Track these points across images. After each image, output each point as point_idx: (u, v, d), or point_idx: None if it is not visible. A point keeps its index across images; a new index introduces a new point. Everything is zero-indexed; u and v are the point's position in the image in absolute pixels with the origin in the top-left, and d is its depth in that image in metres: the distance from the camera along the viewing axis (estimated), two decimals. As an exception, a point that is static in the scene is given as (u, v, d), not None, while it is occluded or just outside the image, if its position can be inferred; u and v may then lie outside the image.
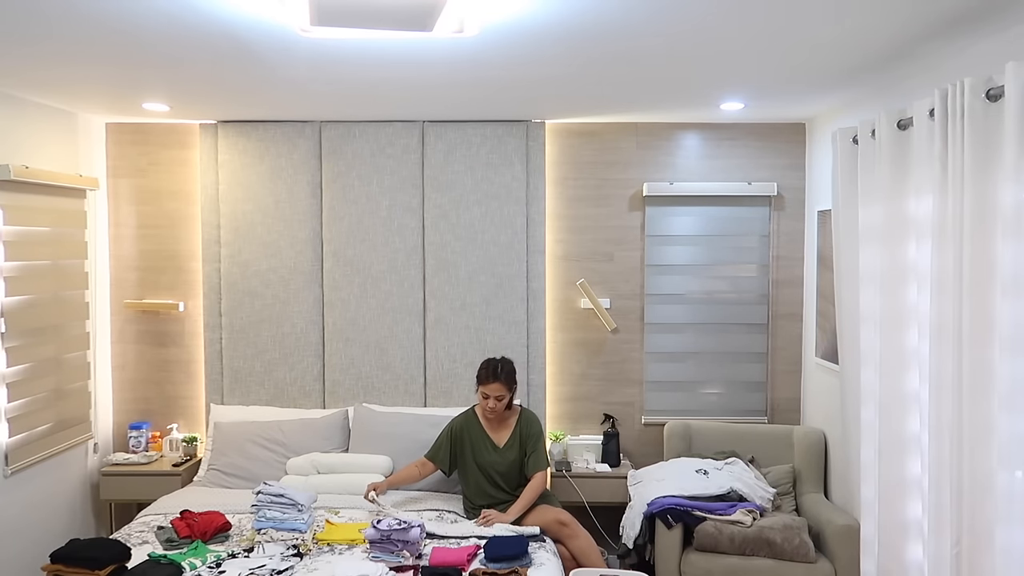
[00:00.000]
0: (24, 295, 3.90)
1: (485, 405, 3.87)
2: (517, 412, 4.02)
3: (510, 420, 3.99)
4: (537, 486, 3.86)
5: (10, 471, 3.80)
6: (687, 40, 2.86)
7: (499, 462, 3.90)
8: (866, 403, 3.29)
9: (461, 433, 3.96)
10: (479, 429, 3.95)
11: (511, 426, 3.97)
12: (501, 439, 3.94)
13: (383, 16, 2.42)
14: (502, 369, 3.86)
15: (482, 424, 3.96)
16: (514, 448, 3.92)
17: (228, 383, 4.63)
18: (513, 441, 3.94)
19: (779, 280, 4.65)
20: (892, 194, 3.07)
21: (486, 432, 3.95)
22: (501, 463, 3.90)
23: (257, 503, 3.56)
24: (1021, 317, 2.32)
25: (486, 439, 3.94)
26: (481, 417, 3.98)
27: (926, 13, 2.55)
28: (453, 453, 3.96)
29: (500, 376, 3.84)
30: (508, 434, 3.95)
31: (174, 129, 4.66)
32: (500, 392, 3.84)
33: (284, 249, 4.60)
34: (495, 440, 3.94)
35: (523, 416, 4.02)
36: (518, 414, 4.02)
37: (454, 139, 4.57)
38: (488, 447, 3.92)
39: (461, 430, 3.97)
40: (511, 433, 3.95)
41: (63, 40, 2.86)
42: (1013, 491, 2.36)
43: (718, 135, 4.62)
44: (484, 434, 3.95)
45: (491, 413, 3.89)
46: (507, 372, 3.87)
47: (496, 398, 3.84)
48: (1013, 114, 2.27)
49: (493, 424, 3.96)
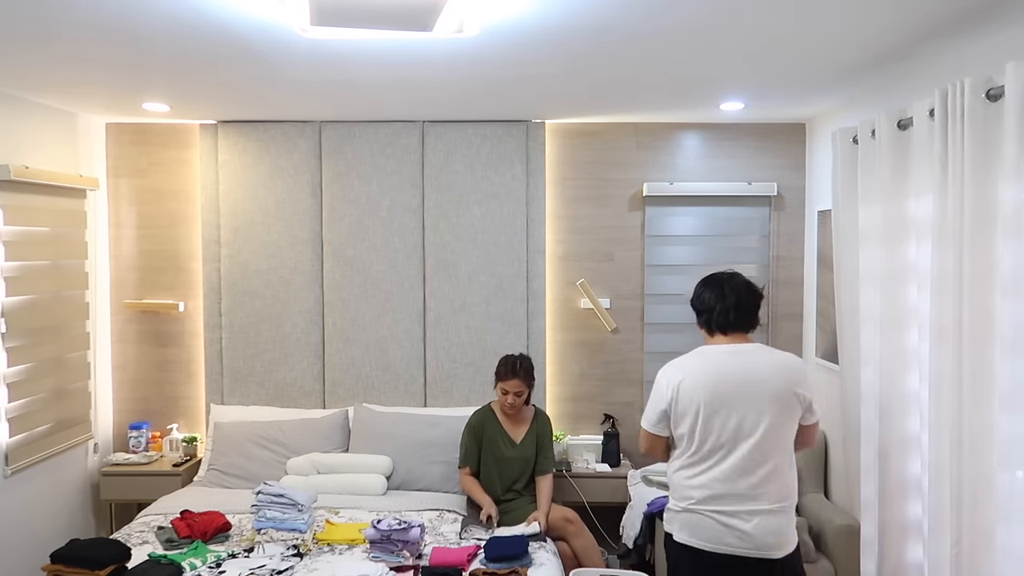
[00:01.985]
0: (24, 295, 3.90)
1: (504, 401, 3.93)
2: (533, 410, 4.10)
3: (527, 417, 4.06)
4: (550, 487, 3.98)
5: (10, 471, 3.80)
6: (687, 40, 2.86)
7: (516, 458, 3.97)
8: (866, 403, 3.29)
9: (481, 429, 4.02)
10: (497, 425, 4.02)
11: (528, 422, 4.04)
12: (519, 435, 4.01)
13: (383, 16, 2.42)
14: (521, 365, 3.93)
15: (499, 420, 4.02)
16: (531, 445, 4.00)
17: (228, 383, 4.63)
18: (530, 438, 4.01)
19: (779, 280, 4.65)
20: (892, 194, 3.07)
21: (503, 428, 4.01)
22: (518, 458, 3.97)
23: (257, 503, 3.56)
24: (1021, 317, 2.32)
25: (504, 435, 4.00)
26: (499, 413, 4.04)
27: (926, 13, 2.55)
28: (477, 452, 4.03)
29: (520, 372, 3.91)
30: (525, 430, 4.02)
31: (174, 129, 4.66)
32: (519, 388, 3.91)
33: (284, 249, 4.60)
34: (512, 436, 4.01)
35: (539, 415, 4.10)
36: (534, 412, 4.10)
37: (454, 139, 4.57)
38: (506, 443, 3.99)
39: (481, 426, 4.03)
40: (528, 430, 4.02)
41: (63, 40, 2.86)
42: (1013, 491, 2.37)
43: (718, 135, 4.62)
44: (502, 430, 4.01)
45: (510, 409, 3.96)
46: (526, 368, 3.95)
47: (516, 394, 3.91)
48: (1013, 114, 2.27)
49: (511, 420, 4.03)
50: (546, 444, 4.04)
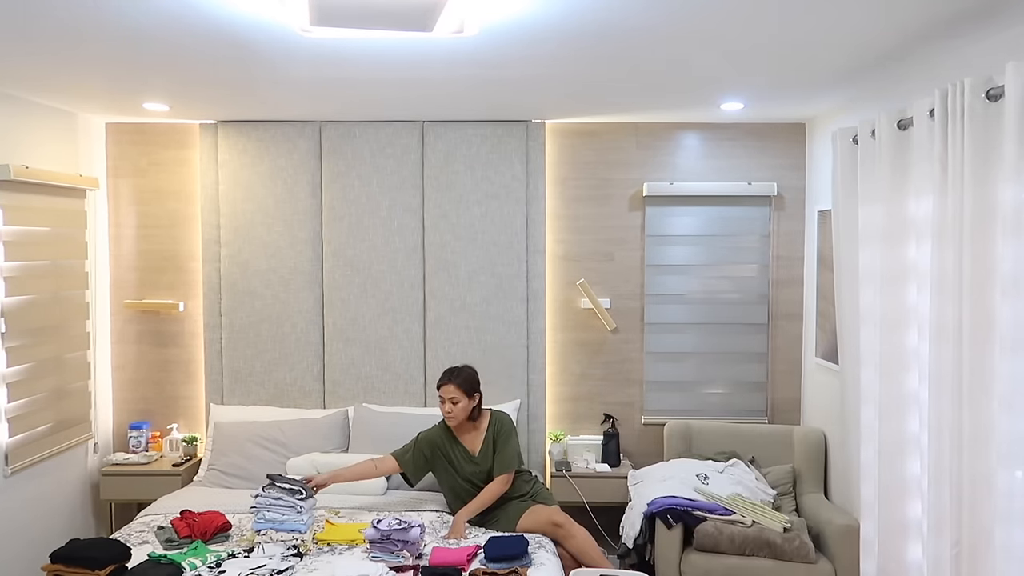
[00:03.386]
0: (24, 295, 3.90)
1: (442, 408, 3.80)
2: (487, 417, 3.92)
3: (481, 426, 3.88)
4: (496, 489, 3.76)
5: (10, 471, 3.80)
6: (687, 40, 2.86)
7: (478, 472, 3.82)
8: (866, 403, 3.29)
9: (433, 447, 3.84)
10: (452, 440, 3.86)
11: (483, 432, 3.87)
12: (475, 447, 3.85)
13: (383, 16, 2.42)
14: (457, 373, 3.78)
15: (455, 435, 3.87)
16: (489, 456, 3.83)
17: (228, 383, 4.63)
18: (487, 448, 3.84)
19: (779, 280, 4.65)
20: (892, 194, 3.07)
21: (459, 441, 3.86)
22: (480, 472, 3.81)
23: (256, 505, 3.54)
24: (1021, 317, 2.32)
25: (460, 448, 3.85)
26: (455, 427, 3.86)
27: (926, 13, 2.55)
28: (420, 465, 3.86)
29: (455, 378, 3.76)
30: (481, 441, 3.85)
31: (174, 129, 4.66)
32: (453, 395, 3.74)
33: (284, 249, 4.60)
34: (469, 449, 3.85)
35: (494, 418, 3.90)
36: (488, 419, 3.91)
37: (454, 139, 4.57)
38: (464, 457, 3.84)
39: (432, 443, 3.85)
40: (483, 440, 3.85)
41: (63, 40, 2.86)
42: (1013, 491, 2.37)
43: (718, 135, 4.62)
44: (457, 443, 3.86)
45: (449, 419, 3.80)
46: (464, 376, 3.78)
47: (450, 400, 3.75)
48: (1013, 114, 2.27)
49: (462, 432, 3.87)
50: (501, 443, 3.81)
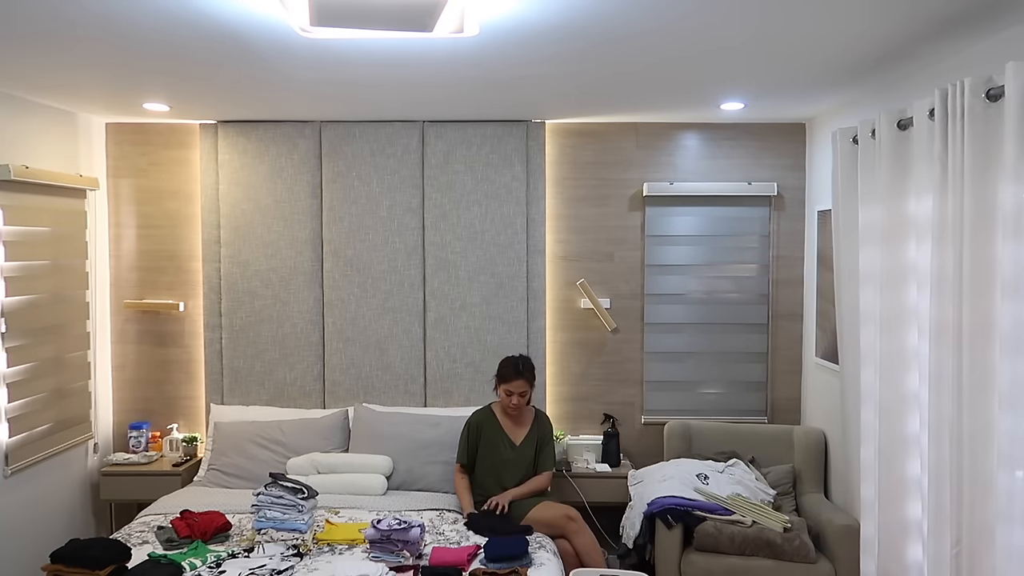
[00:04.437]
0: (24, 295, 3.90)
1: (508, 402, 3.95)
2: (533, 411, 4.12)
3: (527, 418, 4.07)
4: (543, 481, 4.00)
5: (10, 471, 3.80)
6: (687, 40, 2.86)
7: (516, 460, 3.98)
8: (866, 403, 3.29)
9: (480, 430, 4.03)
10: (497, 427, 4.03)
11: (528, 424, 4.05)
12: (519, 437, 4.03)
13: (383, 16, 2.42)
14: (524, 366, 3.96)
15: (500, 422, 4.03)
16: (531, 447, 4.02)
17: (228, 383, 4.63)
18: (530, 440, 4.02)
19: (779, 280, 4.65)
20: (892, 194, 3.07)
21: (504, 430, 4.02)
22: (518, 460, 3.98)
23: (257, 503, 3.55)
24: (1021, 317, 2.32)
25: (504, 437, 4.01)
26: (500, 415, 4.05)
27: (926, 13, 2.55)
28: (473, 453, 4.03)
29: (524, 373, 3.94)
30: (525, 432, 4.04)
31: (174, 129, 4.66)
32: (523, 388, 3.94)
33: (284, 249, 4.60)
34: (513, 438, 4.02)
35: (539, 416, 4.12)
36: (534, 413, 4.11)
37: (454, 139, 4.57)
38: (506, 444, 4.00)
39: (479, 428, 4.03)
40: (528, 432, 4.03)
41: (63, 40, 2.86)
42: (1013, 491, 2.37)
43: (718, 135, 4.62)
44: (502, 432, 4.02)
45: (514, 410, 3.98)
46: (528, 369, 3.98)
47: (520, 394, 3.93)
48: (1013, 114, 2.27)
49: (513, 422, 4.03)
50: (546, 445, 4.05)
